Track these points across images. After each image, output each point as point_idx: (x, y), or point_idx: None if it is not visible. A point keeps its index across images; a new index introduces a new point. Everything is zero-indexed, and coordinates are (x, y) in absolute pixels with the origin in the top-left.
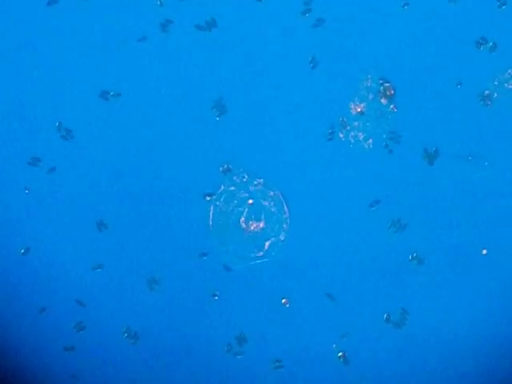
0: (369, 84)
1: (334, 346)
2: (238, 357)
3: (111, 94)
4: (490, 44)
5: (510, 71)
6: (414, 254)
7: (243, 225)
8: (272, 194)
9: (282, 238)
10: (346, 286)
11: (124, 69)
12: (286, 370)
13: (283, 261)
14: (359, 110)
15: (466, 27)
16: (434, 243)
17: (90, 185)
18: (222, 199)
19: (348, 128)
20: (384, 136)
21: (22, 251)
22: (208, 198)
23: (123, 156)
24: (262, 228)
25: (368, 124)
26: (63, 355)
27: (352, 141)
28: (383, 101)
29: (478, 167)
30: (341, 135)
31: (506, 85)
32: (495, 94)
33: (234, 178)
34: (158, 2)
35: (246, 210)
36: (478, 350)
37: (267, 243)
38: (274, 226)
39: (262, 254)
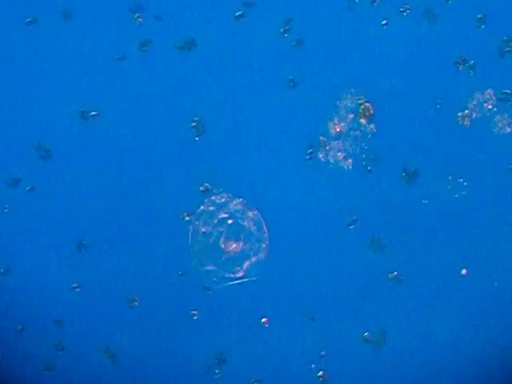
0: (348, 104)
1: (313, 365)
2: (217, 377)
3: (90, 113)
4: (469, 64)
5: (488, 91)
6: (394, 274)
7: (222, 245)
8: (251, 214)
9: (262, 258)
10: (326, 305)
11: (103, 88)
12: None
13: (262, 281)
14: (339, 129)
15: (445, 47)
16: (413, 263)
17: (70, 205)
18: (201, 219)
19: (327, 148)
20: (363, 156)
21: (2, 271)
22: (187, 218)
23: (102, 176)
24: (242, 248)
25: (347, 144)
26: (43, 375)
27: (331, 160)
28: (363, 121)
29: (458, 187)
30: (320, 155)
31: (485, 105)
32: (474, 114)
33: (214, 197)
34: (138, 22)
35: (226, 229)
36: (458, 370)
37: (246, 263)
38: (254, 245)
39: (241, 274)
